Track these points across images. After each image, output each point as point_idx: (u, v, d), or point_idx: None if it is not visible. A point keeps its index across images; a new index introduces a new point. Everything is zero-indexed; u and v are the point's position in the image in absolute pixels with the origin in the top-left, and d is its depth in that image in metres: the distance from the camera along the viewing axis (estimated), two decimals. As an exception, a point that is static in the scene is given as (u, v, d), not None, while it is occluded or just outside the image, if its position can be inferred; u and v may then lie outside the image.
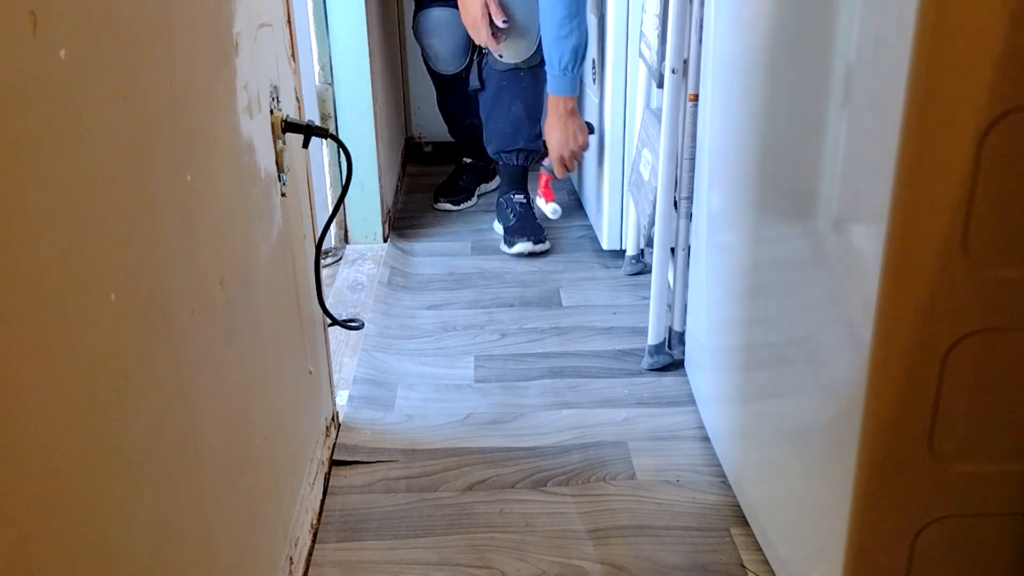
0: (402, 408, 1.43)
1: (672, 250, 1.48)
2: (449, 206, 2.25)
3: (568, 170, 1.95)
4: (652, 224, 1.50)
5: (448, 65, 2.08)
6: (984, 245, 0.70)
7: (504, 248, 2.03)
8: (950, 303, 0.72)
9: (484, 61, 2.00)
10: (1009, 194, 0.69)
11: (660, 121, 1.64)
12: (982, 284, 0.71)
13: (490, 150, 2.08)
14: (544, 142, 1.96)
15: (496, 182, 2.35)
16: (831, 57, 0.82)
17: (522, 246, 1.99)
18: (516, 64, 1.96)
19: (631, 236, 1.91)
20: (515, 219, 2.04)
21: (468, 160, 2.33)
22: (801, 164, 0.90)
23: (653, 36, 1.49)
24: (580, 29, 1.80)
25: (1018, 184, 0.68)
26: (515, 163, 2.06)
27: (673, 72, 1.35)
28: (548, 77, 1.87)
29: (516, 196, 2.08)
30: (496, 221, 2.13)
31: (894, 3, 0.68)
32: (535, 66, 1.96)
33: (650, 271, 1.91)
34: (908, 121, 0.67)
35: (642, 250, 1.92)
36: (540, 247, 2.00)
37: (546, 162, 1.96)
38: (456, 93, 2.18)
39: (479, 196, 2.33)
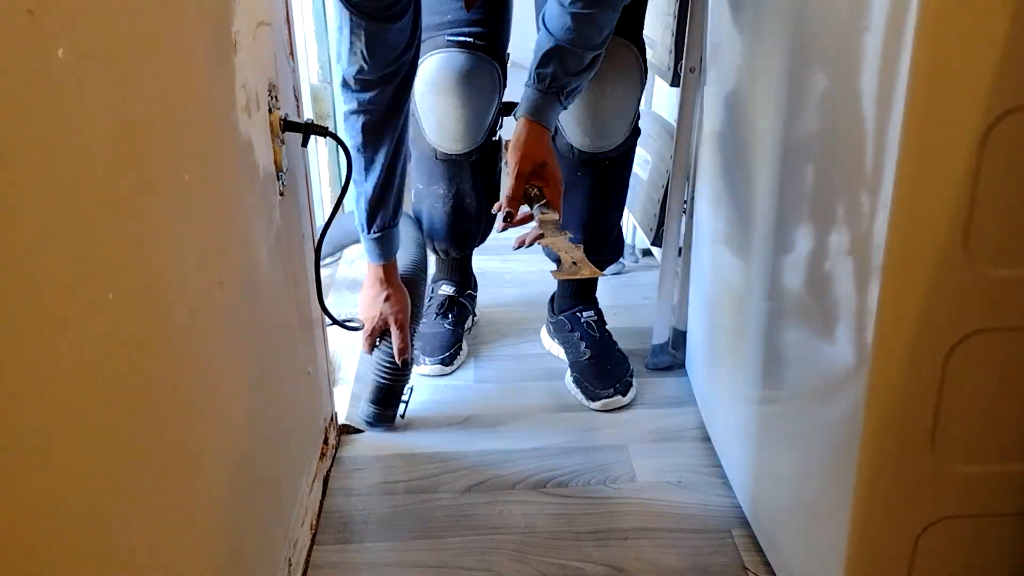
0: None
1: (679, 250, 1.48)
2: (439, 368, 1.51)
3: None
4: (660, 222, 1.49)
5: (457, 141, 1.38)
6: (985, 245, 0.70)
7: (580, 398, 1.45)
8: (951, 303, 0.72)
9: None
10: (1009, 194, 0.68)
11: (658, 122, 1.64)
12: (983, 284, 0.71)
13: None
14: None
15: (480, 315, 1.71)
16: (831, 56, 0.82)
17: (608, 401, 1.42)
18: (601, 152, 1.39)
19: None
20: (590, 353, 1.48)
21: (448, 290, 1.59)
22: (802, 164, 0.90)
23: (660, 35, 1.48)
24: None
25: (1018, 184, 0.68)
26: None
27: (692, 71, 1.34)
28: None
29: (585, 314, 1.54)
30: (556, 343, 1.58)
31: (894, 3, 0.68)
32: (625, 152, 1.41)
33: (633, 272, 1.93)
34: (908, 121, 0.67)
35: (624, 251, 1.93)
36: (630, 396, 1.43)
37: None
38: (455, 187, 1.45)
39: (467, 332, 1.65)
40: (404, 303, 1.34)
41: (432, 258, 1.61)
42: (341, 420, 1.36)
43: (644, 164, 1.63)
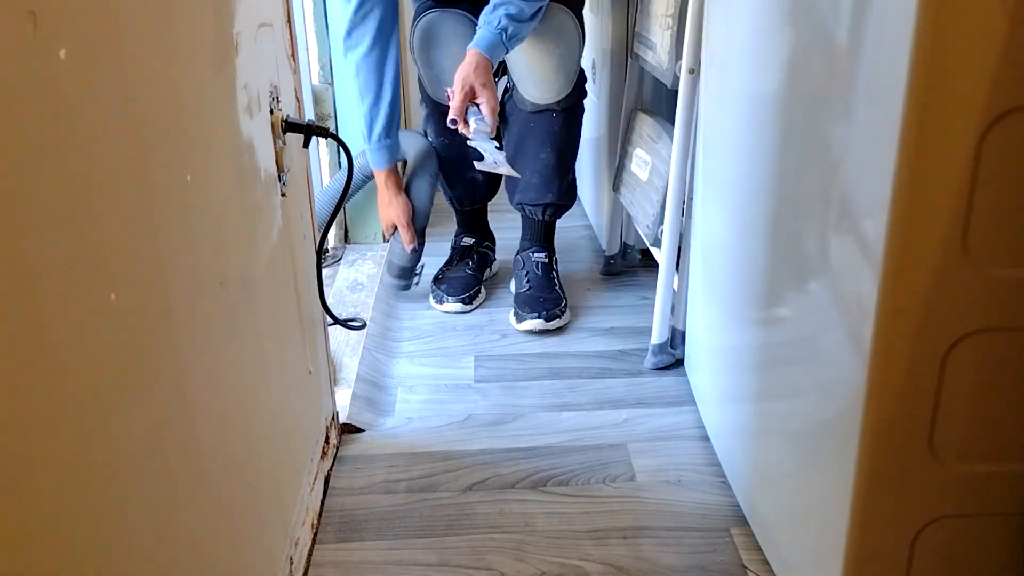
0: (402, 409, 1.43)
1: (679, 249, 1.48)
2: (460, 306, 1.76)
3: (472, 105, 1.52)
4: (659, 223, 1.50)
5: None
6: (984, 245, 0.70)
7: (512, 321, 1.71)
8: (950, 303, 0.72)
9: (508, 95, 1.69)
10: (1009, 194, 0.69)
11: (657, 122, 1.64)
12: (982, 284, 0.71)
13: (512, 201, 1.78)
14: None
15: (497, 265, 1.95)
16: (832, 57, 0.82)
17: (531, 323, 1.67)
18: (547, 104, 1.65)
19: (606, 235, 1.91)
20: (529, 286, 1.74)
21: (468, 241, 1.87)
22: (801, 164, 0.90)
23: (660, 36, 1.49)
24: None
25: (1018, 184, 0.68)
26: (540, 218, 1.77)
27: (691, 72, 1.34)
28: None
29: (536, 255, 1.78)
30: (512, 281, 1.85)
31: (894, 3, 0.68)
32: (571, 107, 1.67)
33: (627, 271, 1.93)
34: (908, 121, 0.67)
35: (619, 250, 1.93)
36: (553, 324, 1.67)
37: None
38: (456, 136, 1.64)
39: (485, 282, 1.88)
40: (405, 208, 1.74)
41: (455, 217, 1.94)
42: (342, 419, 1.36)
43: (643, 164, 1.63)
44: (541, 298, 1.71)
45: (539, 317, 1.67)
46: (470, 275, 1.81)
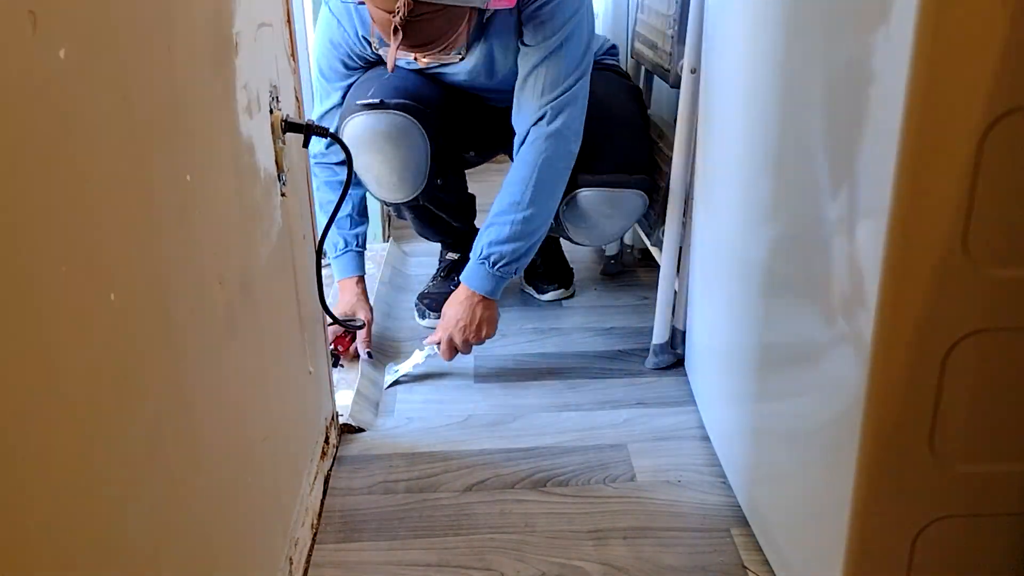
0: (402, 409, 1.43)
1: (679, 249, 1.48)
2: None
3: (458, 353, 1.49)
4: (659, 223, 1.50)
5: (396, 192, 1.52)
6: (984, 245, 0.70)
7: (530, 291, 1.84)
8: (950, 303, 0.72)
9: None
10: (1009, 194, 0.69)
11: (658, 122, 1.64)
12: (982, 284, 0.71)
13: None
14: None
15: None
16: (831, 56, 0.82)
17: (553, 293, 1.82)
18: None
19: None
20: (540, 264, 1.83)
21: (453, 256, 1.82)
22: (801, 164, 0.90)
23: (660, 36, 1.49)
24: (528, 229, 1.42)
25: (1018, 184, 0.68)
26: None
27: (692, 72, 1.34)
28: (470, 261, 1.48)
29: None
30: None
31: (894, 3, 0.68)
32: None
33: (627, 271, 1.93)
34: (908, 121, 0.67)
35: (619, 250, 1.93)
36: (572, 291, 1.84)
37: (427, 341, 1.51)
38: (419, 214, 1.67)
39: None
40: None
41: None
42: (342, 419, 1.36)
43: (644, 164, 1.63)
44: (554, 271, 1.83)
45: (560, 287, 1.80)
46: (453, 291, 1.68)
